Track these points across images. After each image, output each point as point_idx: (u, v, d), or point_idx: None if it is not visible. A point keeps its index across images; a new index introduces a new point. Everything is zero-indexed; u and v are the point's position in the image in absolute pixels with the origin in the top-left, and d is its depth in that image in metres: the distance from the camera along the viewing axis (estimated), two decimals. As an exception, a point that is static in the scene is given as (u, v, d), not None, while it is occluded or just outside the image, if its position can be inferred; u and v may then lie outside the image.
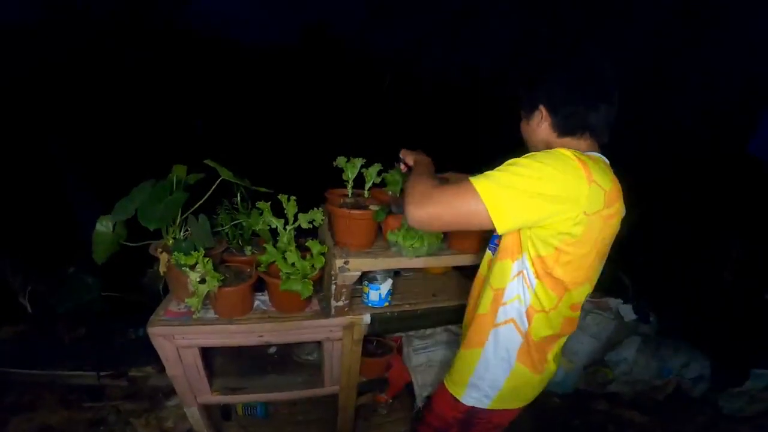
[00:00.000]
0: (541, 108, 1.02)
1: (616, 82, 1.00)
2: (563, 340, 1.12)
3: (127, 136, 2.69)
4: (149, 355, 2.02)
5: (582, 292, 1.03)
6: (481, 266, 1.21)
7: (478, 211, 0.87)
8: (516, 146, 1.09)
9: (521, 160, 0.90)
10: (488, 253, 1.17)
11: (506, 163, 0.92)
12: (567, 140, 1.02)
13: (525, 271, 0.99)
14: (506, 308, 1.04)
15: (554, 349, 1.11)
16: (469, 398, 1.15)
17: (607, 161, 1.01)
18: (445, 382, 1.23)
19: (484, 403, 1.14)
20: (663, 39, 2.80)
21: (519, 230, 0.98)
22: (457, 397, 1.16)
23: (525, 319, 1.03)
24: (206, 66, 2.96)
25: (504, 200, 0.87)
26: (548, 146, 1.02)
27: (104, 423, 1.99)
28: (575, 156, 0.89)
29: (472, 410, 1.16)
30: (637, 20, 2.72)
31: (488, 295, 1.08)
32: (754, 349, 2.52)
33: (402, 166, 1.36)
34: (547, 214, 0.89)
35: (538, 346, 1.07)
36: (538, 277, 0.98)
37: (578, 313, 1.08)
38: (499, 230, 0.90)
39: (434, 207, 0.90)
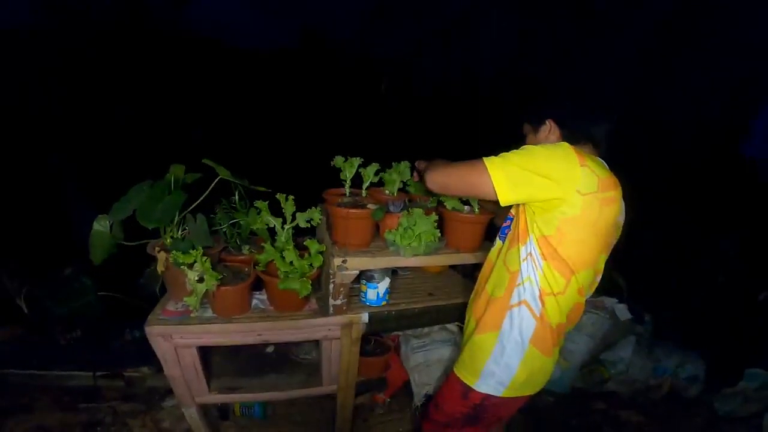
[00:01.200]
0: (548, 122, 1.15)
1: (614, 102, 1.14)
2: (569, 328, 1.19)
3: (124, 137, 2.69)
4: (146, 355, 2.02)
5: (587, 276, 1.09)
6: (489, 255, 1.27)
7: (484, 182, 1.03)
8: (511, 147, 1.13)
9: (528, 146, 1.06)
10: (498, 242, 1.25)
11: (520, 147, 1.06)
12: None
13: (533, 253, 1.08)
14: (520, 289, 1.11)
15: (562, 336, 1.17)
16: (484, 385, 1.16)
17: (606, 165, 1.10)
18: (455, 371, 1.24)
19: (498, 391, 1.16)
20: (657, 43, 2.84)
21: (525, 216, 1.09)
22: (471, 385, 1.18)
23: (538, 302, 1.09)
24: (205, 68, 2.97)
25: (506, 175, 1.01)
26: None
27: (101, 424, 1.97)
28: (572, 147, 1.02)
29: (484, 401, 1.18)
30: (631, 26, 2.77)
31: (504, 277, 1.15)
32: (748, 349, 2.54)
33: (415, 175, 1.48)
34: (542, 189, 1.00)
35: (553, 332, 1.12)
36: (544, 257, 1.06)
37: (584, 299, 1.14)
38: (502, 201, 1.03)
39: (450, 174, 1.12)
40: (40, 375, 2.15)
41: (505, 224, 1.25)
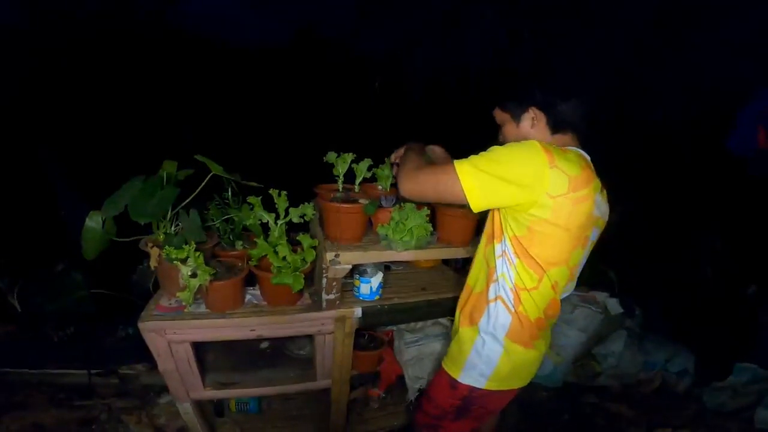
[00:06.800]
0: (532, 109, 1.11)
1: (589, 82, 1.13)
2: (551, 322, 1.20)
3: (114, 134, 2.68)
4: (139, 352, 2.02)
5: (560, 273, 1.09)
6: (477, 251, 1.28)
7: (456, 190, 1.02)
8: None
9: (497, 148, 1.03)
10: (483, 238, 1.26)
11: (488, 150, 1.04)
12: (558, 137, 1.11)
13: (507, 251, 1.09)
14: (496, 285, 1.13)
15: (543, 330, 1.18)
16: (467, 377, 1.18)
17: (587, 155, 1.10)
18: (443, 365, 1.27)
19: (481, 383, 1.17)
20: (643, 39, 2.87)
21: (500, 215, 1.11)
22: (456, 377, 1.20)
23: (512, 296, 1.11)
24: (196, 65, 2.96)
25: (477, 183, 1.00)
26: None
27: (96, 421, 1.97)
28: (542, 146, 0.99)
29: (470, 393, 1.19)
30: (619, 22, 2.79)
31: (484, 273, 1.18)
32: (737, 344, 2.57)
33: (395, 169, 1.45)
34: (513, 196, 1.00)
35: (531, 326, 1.13)
36: (518, 256, 1.07)
37: (559, 295, 1.15)
38: (474, 208, 1.04)
39: (422, 182, 1.08)
40: (34, 373, 2.15)
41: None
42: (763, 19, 2.48)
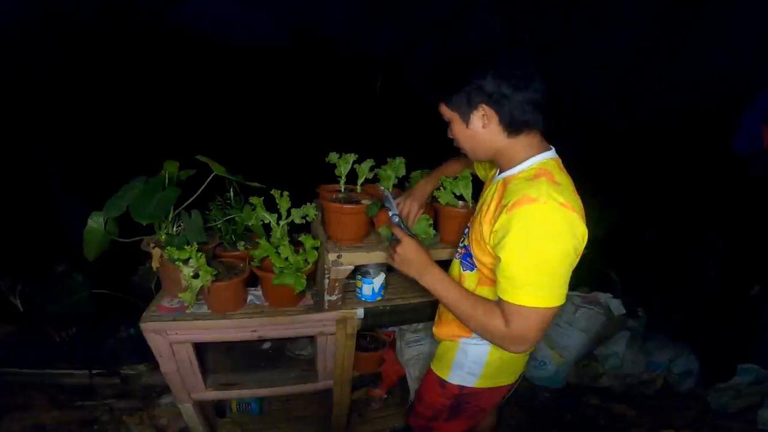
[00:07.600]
0: (482, 106, 0.91)
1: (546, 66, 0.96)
2: None
3: (116, 134, 2.68)
4: (141, 353, 2.02)
5: None
6: (451, 271, 1.18)
7: (547, 315, 0.89)
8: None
9: (534, 255, 0.86)
10: (459, 265, 1.14)
11: (527, 258, 0.86)
12: (520, 140, 0.94)
13: None
14: None
15: None
16: (456, 377, 1.17)
17: (557, 156, 0.99)
18: (431, 367, 1.26)
19: (470, 381, 1.17)
20: (647, 38, 2.87)
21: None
22: (444, 378, 1.19)
23: None
24: (198, 64, 2.96)
25: (549, 294, 0.87)
26: (498, 151, 0.97)
27: (97, 422, 1.97)
28: (557, 202, 0.85)
29: (460, 391, 1.18)
30: (621, 21, 2.79)
31: None
32: (741, 344, 2.56)
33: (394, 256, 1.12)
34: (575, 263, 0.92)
35: None
36: None
37: None
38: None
39: (528, 340, 0.93)
40: (35, 373, 2.15)
41: (462, 251, 1.13)
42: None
